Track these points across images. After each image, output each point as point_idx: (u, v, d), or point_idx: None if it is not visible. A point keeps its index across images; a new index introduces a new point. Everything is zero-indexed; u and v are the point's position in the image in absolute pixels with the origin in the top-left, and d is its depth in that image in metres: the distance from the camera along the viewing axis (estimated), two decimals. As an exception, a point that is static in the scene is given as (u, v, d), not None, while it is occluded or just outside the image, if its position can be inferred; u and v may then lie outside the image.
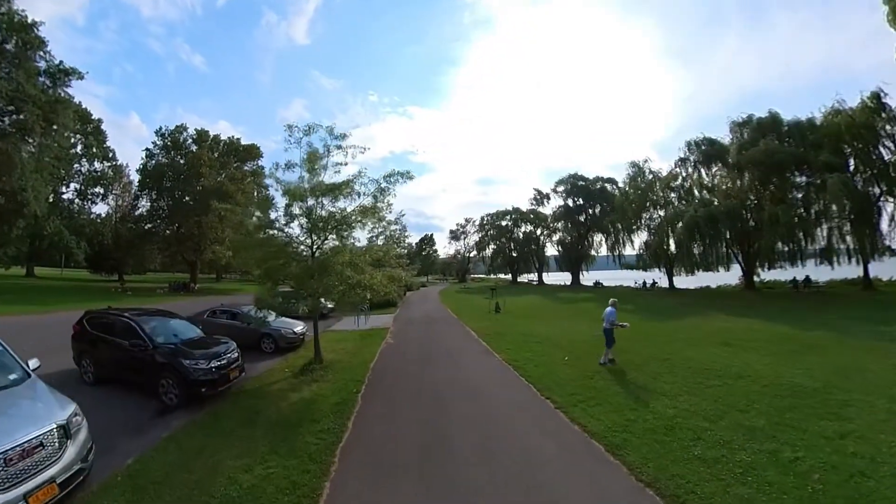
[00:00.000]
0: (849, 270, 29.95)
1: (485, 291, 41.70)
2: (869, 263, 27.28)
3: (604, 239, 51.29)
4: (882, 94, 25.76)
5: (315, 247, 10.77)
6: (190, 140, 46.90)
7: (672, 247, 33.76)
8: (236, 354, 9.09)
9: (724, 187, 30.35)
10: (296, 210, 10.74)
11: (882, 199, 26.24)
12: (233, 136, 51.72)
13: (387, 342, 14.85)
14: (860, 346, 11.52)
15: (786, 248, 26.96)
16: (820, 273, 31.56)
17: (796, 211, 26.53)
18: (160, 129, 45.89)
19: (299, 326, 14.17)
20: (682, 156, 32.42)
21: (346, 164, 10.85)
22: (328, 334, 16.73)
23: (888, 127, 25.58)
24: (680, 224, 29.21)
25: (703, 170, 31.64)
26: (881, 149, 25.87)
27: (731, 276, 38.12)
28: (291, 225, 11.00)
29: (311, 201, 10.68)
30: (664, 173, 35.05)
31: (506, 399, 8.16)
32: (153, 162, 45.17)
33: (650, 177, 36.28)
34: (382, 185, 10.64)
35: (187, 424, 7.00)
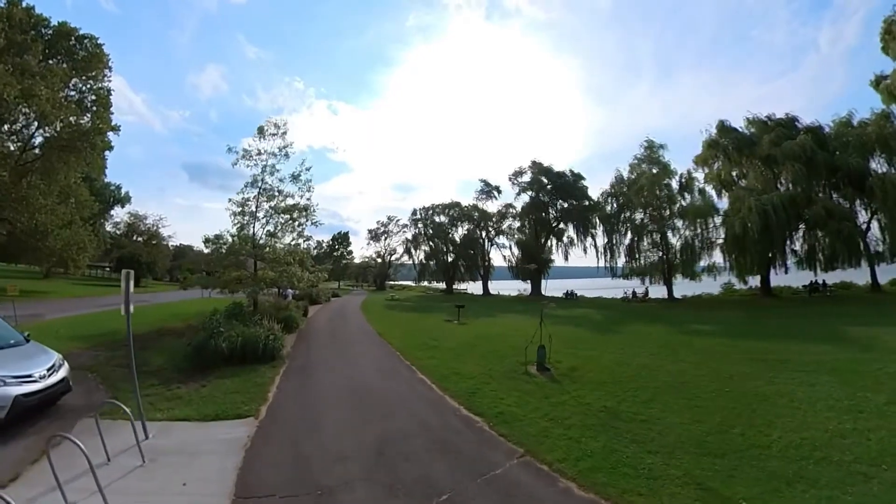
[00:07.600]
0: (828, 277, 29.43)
1: (427, 307, 29.18)
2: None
3: (556, 243, 46.52)
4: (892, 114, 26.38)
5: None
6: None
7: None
8: None
9: (756, 183, 26.89)
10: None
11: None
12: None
13: None
14: None
15: (843, 247, 24.25)
16: (799, 279, 30.80)
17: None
18: None
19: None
20: (711, 139, 27.99)
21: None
22: None
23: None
24: (742, 213, 24.31)
25: (732, 158, 27.66)
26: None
27: (703, 285, 35.72)
28: None
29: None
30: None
31: None
32: None
33: (658, 168, 31.17)
34: None
35: None
